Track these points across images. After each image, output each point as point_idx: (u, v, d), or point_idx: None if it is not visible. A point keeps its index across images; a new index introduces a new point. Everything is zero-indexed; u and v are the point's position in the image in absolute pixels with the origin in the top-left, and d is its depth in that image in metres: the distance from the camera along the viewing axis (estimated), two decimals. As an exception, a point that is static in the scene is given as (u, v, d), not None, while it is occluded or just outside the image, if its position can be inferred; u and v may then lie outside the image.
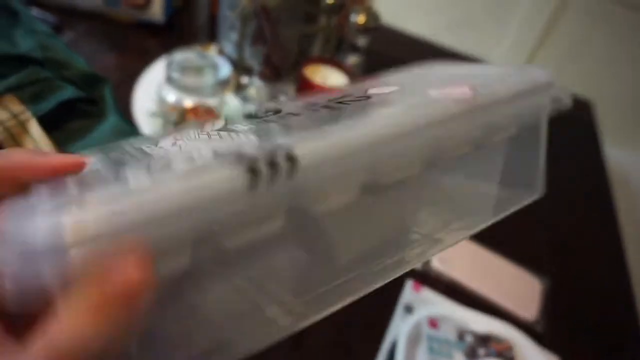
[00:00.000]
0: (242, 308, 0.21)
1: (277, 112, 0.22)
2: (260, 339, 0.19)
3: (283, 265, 0.22)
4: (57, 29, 0.67)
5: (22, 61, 0.34)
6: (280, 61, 0.54)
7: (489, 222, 0.28)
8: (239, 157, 0.15)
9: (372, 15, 0.67)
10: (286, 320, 0.20)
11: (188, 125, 0.20)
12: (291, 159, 0.16)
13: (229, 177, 0.15)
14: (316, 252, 0.23)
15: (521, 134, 0.28)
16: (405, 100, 0.23)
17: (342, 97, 0.24)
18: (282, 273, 0.22)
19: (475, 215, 0.28)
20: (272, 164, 0.16)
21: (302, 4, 0.62)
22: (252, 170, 0.15)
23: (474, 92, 0.23)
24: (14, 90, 0.31)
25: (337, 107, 0.22)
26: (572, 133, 0.91)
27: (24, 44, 0.36)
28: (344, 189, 0.20)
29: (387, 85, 0.26)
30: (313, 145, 0.17)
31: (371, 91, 0.25)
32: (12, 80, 0.31)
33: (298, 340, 0.45)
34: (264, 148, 0.16)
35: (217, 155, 0.17)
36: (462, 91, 0.23)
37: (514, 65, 0.30)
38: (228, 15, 0.65)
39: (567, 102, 0.27)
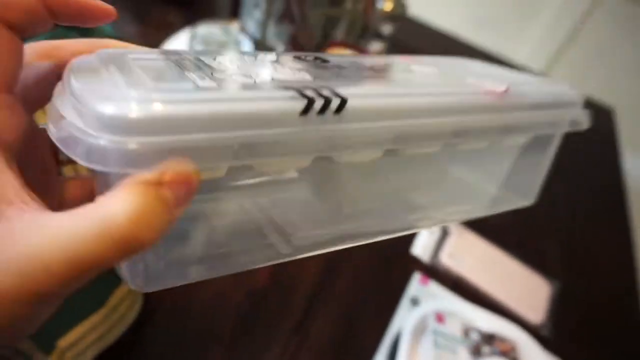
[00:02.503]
0: (247, 228, 0.23)
1: (325, 60, 0.23)
2: (258, 259, 0.22)
3: (293, 200, 0.24)
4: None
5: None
6: (306, 42, 0.53)
7: (479, 216, 0.30)
8: (297, 86, 0.17)
9: (400, 4, 0.65)
10: (285, 248, 0.22)
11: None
12: (342, 98, 0.17)
13: (286, 97, 0.17)
14: (327, 195, 0.24)
15: (534, 142, 0.30)
16: (445, 82, 0.24)
17: (385, 65, 0.25)
18: (291, 207, 0.24)
19: (469, 206, 0.31)
20: (325, 98, 0.17)
21: (325, 3, 0.61)
22: (307, 97, 0.17)
23: (506, 89, 0.24)
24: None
25: (381, 74, 0.24)
26: (592, 139, 0.89)
27: (51, 4, 0.36)
28: (374, 145, 0.21)
29: (428, 64, 0.27)
30: (362, 92, 0.19)
31: (414, 67, 0.26)
32: (40, 39, 0.31)
33: (301, 325, 0.45)
34: (318, 84, 0.18)
35: (274, 81, 0.18)
36: (496, 86, 0.24)
37: (548, 79, 0.31)
38: (253, -7, 0.64)
39: (584, 125, 0.29)
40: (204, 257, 0.21)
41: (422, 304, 0.49)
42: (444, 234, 0.57)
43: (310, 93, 0.17)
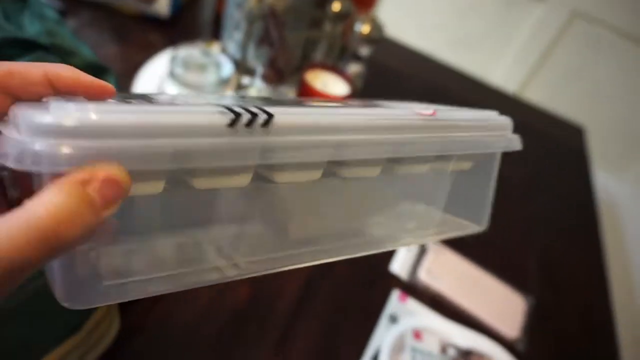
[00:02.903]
0: (192, 253, 0.24)
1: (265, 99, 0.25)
2: (204, 280, 0.22)
3: (237, 226, 0.25)
4: (61, 15, 0.67)
5: (28, 46, 0.34)
6: (285, 64, 0.54)
7: (428, 241, 0.32)
8: (227, 104, 0.18)
9: (377, 26, 0.67)
10: (232, 272, 0.23)
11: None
12: (268, 114, 0.19)
13: (214, 112, 0.18)
14: (271, 220, 0.25)
15: (474, 169, 0.32)
16: (376, 111, 0.26)
17: (331, 104, 0.28)
18: (236, 233, 0.25)
19: (418, 230, 0.32)
20: (252, 113, 0.18)
21: (309, 9, 0.63)
22: (234, 112, 0.18)
23: (433, 112, 0.26)
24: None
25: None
26: (563, 157, 0.92)
27: (32, 29, 0.36)
28: (309, 165, 0.23)
29: (376, 106, 0.29)
30: (289, 111, 0.20)
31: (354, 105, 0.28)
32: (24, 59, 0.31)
33: (282, 343, 0.45)
34: (246, 105, 0.19)
35: (208, 104, 0.19)
36: (425, 109, 0.26)
37: (479, 110, 0.34)
38: (234, 15, 0.66)
39: (517, 146, 0.30)
40: (142, 275, 0.21)
41: (400, 321, 0.50)
42: (422, 251, 0.58)
43: (238, 109, 0.18)
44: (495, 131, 0.29)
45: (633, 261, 1.23)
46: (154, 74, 0.63)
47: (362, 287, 0.53)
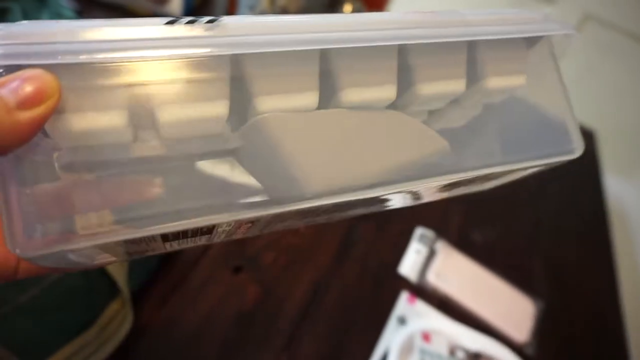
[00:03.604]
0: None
1: None
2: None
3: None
4: (77, 16, 0.67)
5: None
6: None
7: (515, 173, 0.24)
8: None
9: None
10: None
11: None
12: (213, 18, 0.17)
13: (150, 20, 0.16)
14: (276, 177, 0.20)
15: (530, 85, 0.25)
16: None
17: None
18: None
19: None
20: (193, 19, 0.17)
21: (320, 10, 0.63)
22: (172, 19, 0.16)
23: (431, 11, 0.21)
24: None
25: None
26: (574, 161, 0.92)
27: (49, 28, 0.37)
28: (293, 83, 0.19)
29: None
30: (242, 17, 0.17)
31: None
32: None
33: (290, 345, 0.45)
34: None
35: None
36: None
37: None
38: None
39: (571, 33, 0.23)
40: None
41: (409, 323, 0.50)
42: (431, 253, 0.58)
43: (178, 17, 0.17)
44: (531, 19, 0.23)
45: (643, 266, 1.22)
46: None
47: (371, 289, 0.53)
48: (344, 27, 0.18)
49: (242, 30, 0.17)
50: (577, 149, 0.26)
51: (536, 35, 0.23)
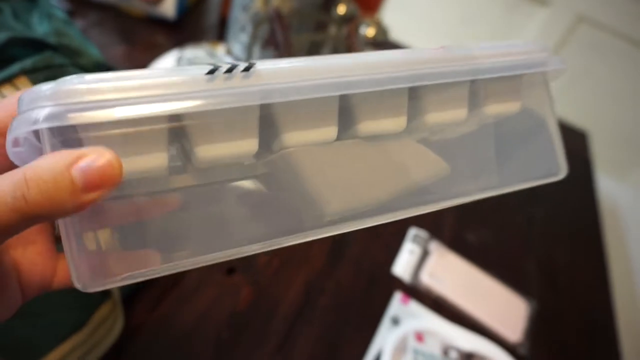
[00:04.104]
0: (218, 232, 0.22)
1: None
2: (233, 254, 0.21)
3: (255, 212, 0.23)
4: (69, 16, 0.67)
5: (36, 45, 0.35)
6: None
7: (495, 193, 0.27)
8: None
9: (381, 29, 0.68)
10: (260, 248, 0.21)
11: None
12: (249, 65, 0.18)
13: (194, 69, 0.18)
14: (296, 199, 0.23)
15: (523, 113, 0.28)
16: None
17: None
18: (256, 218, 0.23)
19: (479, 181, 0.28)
20: (231, 66, 0.18)
21: (314, 12, 0.63)
22: (213, 67, 0.18)
23: (442, 46, 0.23)
24: (28, 73, 0.31)
25: None
26: (567, 162, 0.92)
27: (40, 28, 0.37)
28: (316, 120, 0.21)
29: None
30: (276, 62, 0.19)
31: None
32: (27, 62, 0.32)
33: (283, 346, 0.45)
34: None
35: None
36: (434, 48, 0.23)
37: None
38: (239, 17, 0.66)
39: (562, 66, 0.26)
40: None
41: (402, 323, 0.50)
42: (425, 254, 0.58)
43: (218, 63, 0.18)
44: (528, 54, 0.25)
45: (635, 266, 1.23)
46: (160, 75, 0.63)
47: (364, 289, 0.53)
48: (362, 70, 0.20)
49: (272, 77, 0.19)
50: (562, 172, 0.29)
51: (533, 72, 0.25)
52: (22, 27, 0.36)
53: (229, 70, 0.18)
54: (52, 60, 0.33)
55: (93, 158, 0.15)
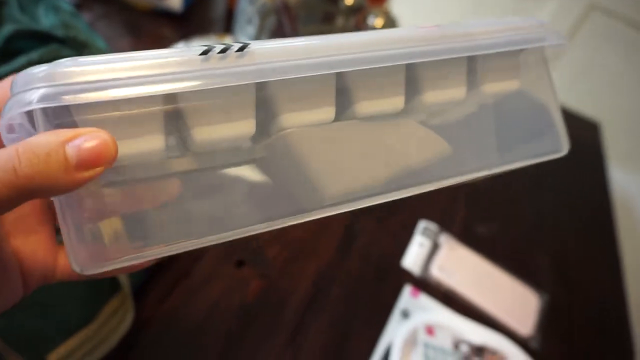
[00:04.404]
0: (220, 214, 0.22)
1: None
2: (237, 234, 0.21)
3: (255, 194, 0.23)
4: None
5: (44, 38, 0.34)
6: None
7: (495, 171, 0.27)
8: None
9: (390, 20, 0.67)
10: (264, 226, 0.21)
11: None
12: (243, 45, 0.18)
13: (188, 50, 0.18)
14: (294, 181, 0.23)
15: (522, 91, 0.27)
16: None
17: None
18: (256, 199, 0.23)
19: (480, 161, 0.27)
20: (225, 46, 0.18)
21: (321, 3, 0.62)
22: (207, 48, 0.18)
23: (436, 25, 0.23)
24: (35, 65, 0.31)
25: None
26: (578, 152, 0.91)
27: (46, 21, 0.36)
28: (313, 101, 0.21)
29: None
30: (270, 42, 0.19)
31: None
32: (33, 55, 0.31)
33: (293, 338, 0.45)
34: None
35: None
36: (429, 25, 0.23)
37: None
38: (246, 9, 0.65)
39: (561, 40, 0.26)
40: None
41: (412, 317, 0.49)
42: (435, 247, 0.58)
43: (212, 44, 0.18)
44: (525, 30, 0.25)
45: (648, 259, 1.21)
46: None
47: (374, 283, 0.53)
48: (358, 48, 0.20)
49: (267, 57, 0.18)
50: (564, 148, 0.28)
51: (531, 47, 0.25)
52: (28, 19, 0.35)
53: (223, 51, 0.18)
54: (58, 53, 0.32)
55: (88, 137, 0.15)
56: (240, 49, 0.18)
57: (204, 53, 0.18)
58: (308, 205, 0.22)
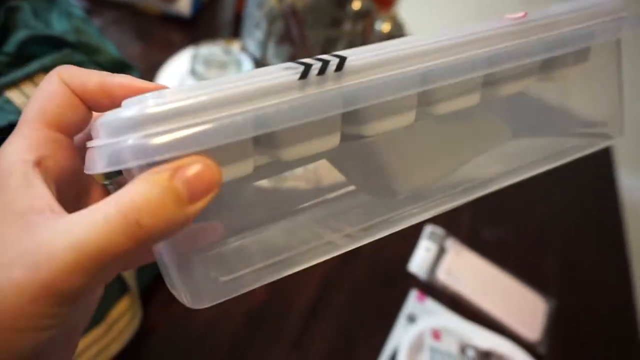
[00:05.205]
0: (301, 234, 0.22)
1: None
2: (318, 256, 0.21)
3: (339, 198, 0.23)
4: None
5: (56, 43, 0.35)
6: (305, 62, 0.54)
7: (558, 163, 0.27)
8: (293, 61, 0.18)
9: (397, 25, 0.67)
10: (345, 242, 0.21)
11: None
12: (340, 57, 0.17)
13: (281, 69, 0.17)
14: (373, 181, 0.23)
15: (594, 66, 0.27)
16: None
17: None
18: (340, 205, 0.23)
19: (530, 162, 0.27)
20: (322, 60, 0.17)
21: (329, 8, 0.63)
22: (304, 64, 0.17)
23: (524, 14, 0.23)
24: (48, 70, 0.32)
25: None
26: (586, 157, 0.90)
27: (59, 26, 0.37)
28: (399, 107, 0.21)
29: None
30: (360, 50, 0.19)
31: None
32: (46, 60, 0.32)
33: (299, 343, 0.45)
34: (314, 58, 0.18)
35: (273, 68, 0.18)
36: (514, 14, 0.23)
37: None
38: (254, 14, 0.66)
39: (637, 24, 0.25)
40: (256, 265, 0.21)
41: (418, 321, 0.49)
42: (441, 251, 0.58)
43: (307, 61, 0.17)
44: (603, 17, 0.24)
45: (658, 265, 1.20)
46: (176, 72, 0.64)
47: (380, 287, 0.53)
48: (448, 52, 0.20)
49: (364, 72, 0.18)
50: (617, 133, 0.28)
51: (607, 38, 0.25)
52: (41, 25, 0.36)
53: (322, 71, 0.17)
54: (70, 58, 0.33)
55: (191, 166, 0.15)
56: (339, 67, 0.17)
57: (303, 76, 0.17)
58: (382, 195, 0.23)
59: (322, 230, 0.22)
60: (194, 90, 0.15)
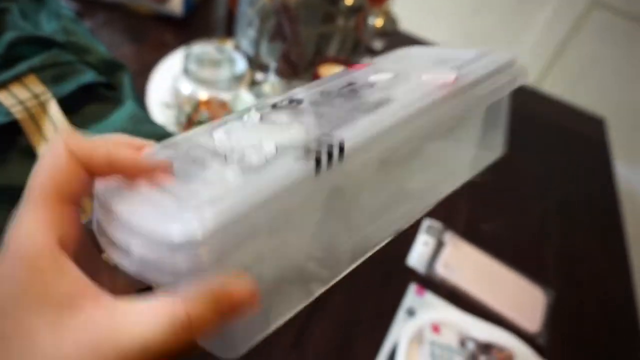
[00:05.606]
0: (286, 273, 0.24)
1: (299, 101, 0.24)
2: (302, 298, 0.24)
3: (315, 230, 0.25)
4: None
5: (45, 43, 0.35)
6: (298, 58, 0.54)
7: (465, 180, 0.32)
8: (305, 151, 0.20)
9: (390, 19, 0.67)
10: (324, 272, 0.25)
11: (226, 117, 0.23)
12: (341, 148, 0.20)
13: (303, 168, 0.19)
14: (342, 217, 0.26)
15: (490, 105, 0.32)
16: (404, 88, 0.27)
17: (349, 85, 0.27)
18: (315, 235, 0.25)
19: (454, 175, 0.33)
20: (329, 154, 0.20)
21: (321, 4, 0.63)
22: (317, 161, 0.19)
23: (456, 75, 0.26)
24: (37, 71, 0.31)
25: (351, 95, 0.26)
26: (584, 149, 0.90)
27: (48, 27, 0.37)
28: (370, 167, 0.24)
29: (383, 71, 0.29)
30: (354, 134, 0.21)
31: (372, 78, 0.28)
32: (35, 61, 0.32)
33: (299, 339, 0.45)
34: (320, 141, 0.20)
35: (282, 147, 0.20)
36: (447, 76, 0.27)
37: (477, 50, 0.33)
38: (247, 12, 0.66)
39: (525, 79, 0.30)
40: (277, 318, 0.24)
41: (418, 315, 0.49)
42: (439, 244, 0.58)
43: (314, 146, 0.20)
44: (505, 71, 0.29)
45: (657, 255, 1.20)
46: (168, 72, 0.64)
47: (379, 281, 0.52)
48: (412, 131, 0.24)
49: (360, 155, 0.21)
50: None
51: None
52: (30, 26, 0.36)
53: (329, 157, 0.20)
54: (59, 58, 0.33)
55: (237, 292, 0.17)
56: (341, 151, 0.20)
57: (317, 168, 0.19)
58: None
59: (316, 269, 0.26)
60: (226, 199, 0.17)
